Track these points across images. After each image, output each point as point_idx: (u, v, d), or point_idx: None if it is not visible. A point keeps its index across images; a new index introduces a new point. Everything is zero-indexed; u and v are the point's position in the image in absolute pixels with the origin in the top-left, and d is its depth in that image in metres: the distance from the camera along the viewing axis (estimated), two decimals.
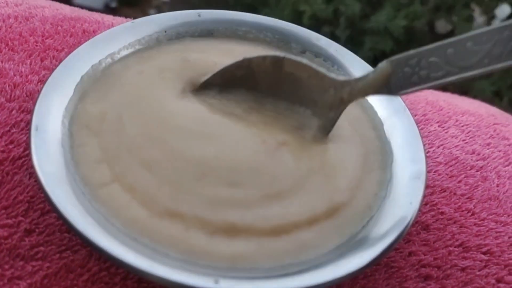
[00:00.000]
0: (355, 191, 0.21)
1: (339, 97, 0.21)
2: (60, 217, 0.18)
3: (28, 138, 0.20)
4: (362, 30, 1.44)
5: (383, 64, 0.19)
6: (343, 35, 1.44)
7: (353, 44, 1.51)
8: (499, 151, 0.28)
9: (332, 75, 0.22)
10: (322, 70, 0.22)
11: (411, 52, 0.18)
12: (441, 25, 1.43)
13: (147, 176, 0.20)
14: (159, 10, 2.11)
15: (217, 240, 0.18)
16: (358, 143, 0.23)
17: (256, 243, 0.19)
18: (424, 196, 0.23)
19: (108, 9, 2.10)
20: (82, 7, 0.39)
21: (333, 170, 0.21)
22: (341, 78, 0.21)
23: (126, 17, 0.35)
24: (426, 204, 0.24)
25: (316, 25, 1.53)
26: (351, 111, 0.23)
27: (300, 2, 1.46)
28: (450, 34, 1.41)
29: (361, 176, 0.21)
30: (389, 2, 1.44)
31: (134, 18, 0.35)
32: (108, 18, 0.34)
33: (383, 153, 0.22)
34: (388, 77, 0.19)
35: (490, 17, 1.39)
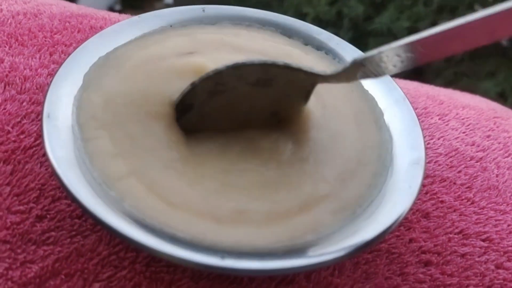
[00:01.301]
0: (346, 182, 0.21)
1: (312, 82, 0.22)
2: (72, 198, 0.18)
3: (40, 124, 0.20)
4: (365, 32, 1.44)
5: (353, 62, 0.21)
6: (347, 37, 1.45)
7: (357, 45, 1.51)
8: (499, 143, 0.29)
9: (306, 67, 0.22)
10: (297, 65, 0.22)
11: (374, 51, 0.20)
12: None
13: (163, 171, 0.20)
14: None
15: (224, 226, 0.19)
16: (356, 137, 0.23)
17: (255, 228, 0.19)
18: (424, 185, 0.24)
19: (112, 12, 2.12)
20: None
21: (323, 160, 0.22)
22: (316, 70, 0.22)
23: None
24: (426, 193, 0.25)
25: (319, 27, 1.54)
26: (355, 103, 0.23)
27: (303, 4, 1.47)
28: None
29: (355, 168, 0.22)
30: (393, 3, 1.44)
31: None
32: (115, 15, 0.35)
33: (381, 146, 0.23)
34: (364, 70, 0.21)
35: None
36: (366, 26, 1.45)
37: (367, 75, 0.21)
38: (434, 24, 1.45)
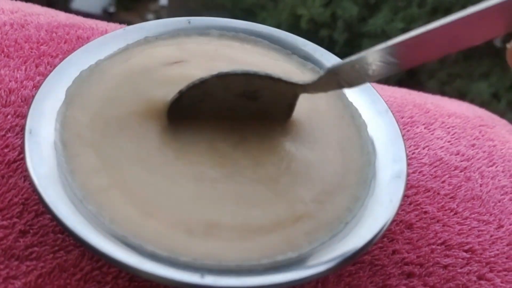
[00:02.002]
0: (323, 204, 0.21)
1: (293, 93, 0.22)
2: (53, 216, 0.18)
3: (22, 141, 0.20)
4: (359, 33, 1.44)
5: (330, 69, 0.21)
6: (341, 38, 1.45)
7: (351, 47, 1.52)
8: (484, 152, 0.29)
9: (286, 77, 0.22)
10: (277, 75, 0.22)
11: (354, 57, 0.20)
12: None
13: (144, 180, 0.21)
14: (157, 14, 2.13)
15: (195, 238, 0.19)
16: (339, 158, 0.23)
17: (227, 242, 0.20)
18: (407, 195, 0.24)
19: (106, 14, 2.11)
20: (80, 12, 0.39)
21: (302, 180, 0.22)
22: (295, 80, 0.22)
23: (122, 22, 0.36)
24: (410, 204, 0.25)
25: (314, 29, 1.54)
26: (343, 125, 0.24)
27: (298, 6, 1.47)
28: None
29: (334, 190, 0.22)
30: (387, 5, 1.45)
31: (129, 22, 0.36)
32: (102, 24, 0.35)
33: (364, 169, 0.23)
34: (337, 79, 0.21)
35: None
36: (360, 28, 1.45)
37: (341, 85, 0.21)
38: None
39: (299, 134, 0.23)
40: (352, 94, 0.26)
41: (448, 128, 0.30)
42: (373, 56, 0.19)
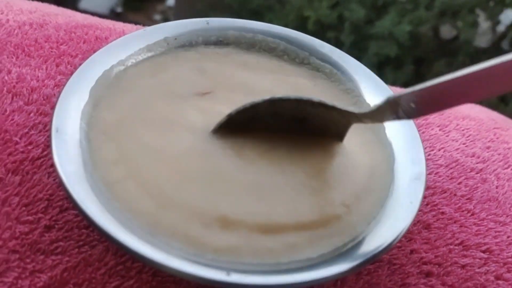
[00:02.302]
0: (350, 207, 0.21)
1: (346, 121, 0.22)
2: (81, 213, 0.19)
3: (49, 139, 0.21)
4: (366, 35, 1.45)
5: (390, 99, 0.20)
6: (348, 41, 1.45)
7: (358, 49, 1.52)
8: (499, 154, 0.29)
9: (340, 106, 0.22)
10: (331, 103, 0.22)
11: (407, 91, 0.19)
12: (446, 30, 1.44)
13: (158, 174, 0.21)
14: (164, 14, 2.14)
15: (211, 231, 0.20)
16: (366, 162, 0.23)
17: (245, 238, 0.20)
18: (424, 196, 0.24)
19: (113, 14, 2.13)
20: (87, 12, 0.40)
21: (333, 183, 0.22)
22: (350, 109, 0.22)
23: (130, 22, 0.37)
24: (427, 205, 0.25)
25: (320, 31, 1.54)
26: (362, 128, 0.24)
27: (305, 7, 1.48)
28: (455, 39, 1.42)
29: (361, 194, 0.22)
30: (394, 7, 1.45)
31: (137, 23, 0.36)
32: (119, 25, 0.35)
33: (386, 175, 0.23)
34: (396, 109, 0.20)
35: (495, 23, 1.40)
36: (367, 30, 1.45)
37: (399, 116, 0.20)
38: (435, 28, 1.46)
39: (327, 141, 0.23)
40: (369, 98, 0.26)
41: (463, 130, 0.31)
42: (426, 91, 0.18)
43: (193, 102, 0.24)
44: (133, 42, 0.26)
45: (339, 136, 0.23)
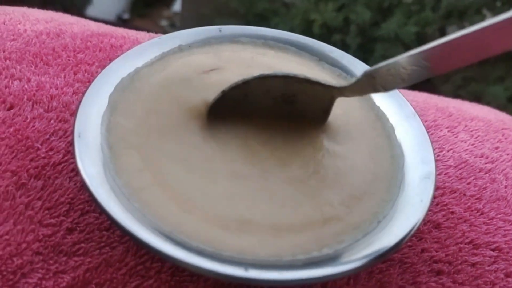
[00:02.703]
0: (351, 208, 0.22)
1: (330, 96, 0.24)
2: (105, 214, 0.20)
3: (72, 144, 0.22)
4: (372, 38, 1.45)
5: (367, 73, 0.22)
6: (354, 43, 1.46)
7: (364, 51, 1.53)
8: (507, 154, 0.30)
9: (323, 80, 0.24)
10: (315, 78, 0.23)
11: (390, 61, 0.21)
12: (453, 31, 1.44)
13: (182, 180, 0.22)
14: (170, 21, 2.16)
15: (229, 233, 0.21)
16: (369, 164, 0.24)
17: (260, 238, 0.21)
18: (434, 196, 0.25)
19: (120, 21, 2.15)
20: (95, 19, 0.41)
21: (330, 184, 0.23)
22: (333, 83, 0.24)
23: (136, 29, 0.37)
24: (437, 205, 0.26)
25: (326, 34, 1.55)
26: (370, 129, 0.25)
27: (311, 11, 1.48)
28: None
29: (362, 196, 0.23)
30: (400, 9, 1.45)
31: (143, 29, 0.37)
32: (132, 33, 0.36)
33: (394, 174, 0.24)
34: (373, 83, 0.22)
35: None
36: (373, 32, 1.46)
37: (377, 89, 0.22)
38: (442, 29, 1.46)
39: (327, 138, 0.24)
40: (379, 99, 0.26)
41: (471, 131, 0.31)
42: (408, 60, 0.20)
43: (198, 81, 0.25)
44: (149, 50, 0.27)
45: (325, 111, 0.24)
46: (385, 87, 0.22)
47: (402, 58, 0.20)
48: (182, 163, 0.22)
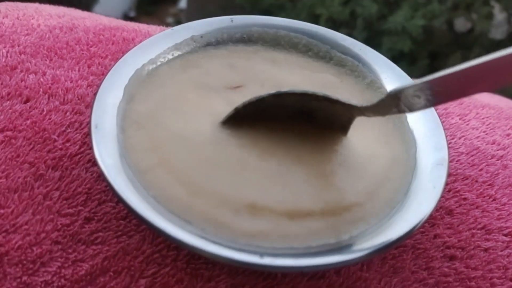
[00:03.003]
0: (371, 195, 0.22)
1: (349, 115, 0.23)
2: (122, 203, 0.20)
3: (89, 135, 0.22)
4: (379, 31, 1.44)
5: (392, 94, 0.21)
6: (361, 37, 1.45)
7: (371, 45, 1.51)
8: None
9: (344, 99, 0.23)
10: (335, 97, 0.23)
11: (419, 82, 0.20)
12: (461, 23, 1.43)
13: (186, 162, 0.22)
14: (176, 17, 2.16)
15: (240, 218, 0.21)
16: (386, 152, 0.24)
17: (273, 224, 0.21)
18: (447, 183, 0.25)
19: (127, 19, 2.15)
20: None
21: (354, 171, 0.23)
22: (354, 102, 0.23)
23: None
24: (449, 191, 0.26)
25: (333, 28, 1.53)
26: (384, 119, 0.25)
27: (317, 5, 1.48)
28: (470, 32, 1.41)
29: (382, 182, 0.23)
30: (407, 2, 1.44)
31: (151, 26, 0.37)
32: (144, 26, 0.36)
33: (408, 160, 0.24)
34: (398, 103, 0.21)
35: (511, 14, 1.39)
36: (380, 26, 1.45)
37: (401, 109, 0.21)
38: (449, 22, 1.45)
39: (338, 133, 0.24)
40: (390, 86, 0.27)
41: (483, 118, 0.31)
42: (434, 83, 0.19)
43: (225, 94, 0.25)
44: (162, 41, 0.27)
45: (344, 128, 0.24)
46: (410, 108, 0.21)
47: (420, 83, 0.20)
48: (190, 147, 0.22)
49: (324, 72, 0.27)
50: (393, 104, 0.21)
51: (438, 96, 0.20)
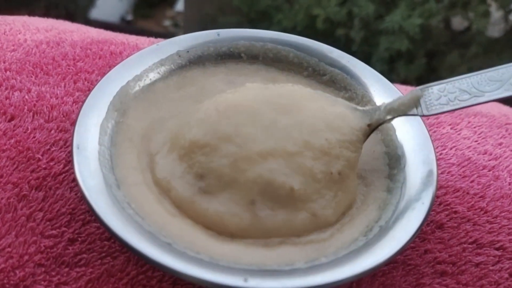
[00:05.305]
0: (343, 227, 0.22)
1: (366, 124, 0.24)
2: (104, 226, 0.20)
3: (71, 156, 0.22)
4: (377, 31, 1.44)
5: (414, 91, 0.23)
6: (358, 37, 1.45)
7: (369, 45, 1.52)
8: (511, 150, 0.29)
9: (360, 108, 0.24)
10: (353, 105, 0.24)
11: (441, 81, 0.23)
12: (457, 22, 1.42)
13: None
14: (173, 20, 2.16)
15: (216, 239, 0.21)
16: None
17: (250, 245, 0.21)
18: (437, 196, 0.25)
19: (124, 22, 2.15)
20: (99, 21, 0.41)
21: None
22: (368, 107, 0.24)
23: (140, 29, 0.38)
24: (440, 204, 0.26)
25: (330, 28, 1.54)
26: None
27: (314, 6, 1.47)
28: (467, 30, 1.41)
29: (364, 200, 0.23)
30: (403, 1, 1.43)
31: (147, 29, 0.37)
32: (132, 38, 0.36)
33: (394, 176, 0.24)
34: (418, 99, 0.23)
35: (507, 12, 1.38)
36: (377, 25, 1.44)
37: (419, 110, 0.23)
38: (446, 20, 1.44)
39: None
40: (379, 99, 0.26)
41: (474, 127, 0.31)
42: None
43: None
44: (147, 57, 0.27)
45: None
46: (428, 109, 0.23)
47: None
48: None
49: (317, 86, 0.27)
50: (413, 104, 0.23)
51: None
